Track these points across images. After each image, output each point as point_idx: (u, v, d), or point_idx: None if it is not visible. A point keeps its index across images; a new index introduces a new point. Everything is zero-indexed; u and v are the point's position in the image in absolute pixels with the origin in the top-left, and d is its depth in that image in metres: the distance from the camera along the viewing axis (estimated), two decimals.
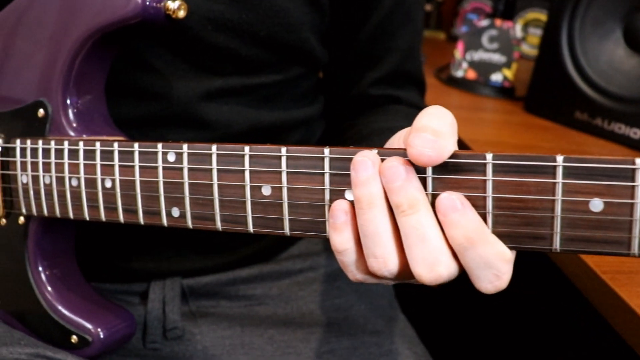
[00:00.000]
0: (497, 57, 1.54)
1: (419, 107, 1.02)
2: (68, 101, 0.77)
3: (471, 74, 1.57)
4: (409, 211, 0.50)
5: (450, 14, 2.29)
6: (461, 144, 1.16)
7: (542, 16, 1.87)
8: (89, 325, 0.80)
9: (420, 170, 0.53)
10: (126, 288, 0.93)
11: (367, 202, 0.52)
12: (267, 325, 0.92)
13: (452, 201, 0.50)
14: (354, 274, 0.56)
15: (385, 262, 0.52)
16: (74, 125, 0.77)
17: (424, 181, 0.53)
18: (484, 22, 1.55)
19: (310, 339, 0.91)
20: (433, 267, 0.50)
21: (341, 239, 0.54)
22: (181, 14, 0.71)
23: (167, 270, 0.91)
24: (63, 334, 0.80)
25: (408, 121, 0.91)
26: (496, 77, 1.54)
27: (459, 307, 1.81)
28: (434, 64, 1.79)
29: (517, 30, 1.52)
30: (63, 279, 0.83)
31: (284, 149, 0.60)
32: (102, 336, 0.79)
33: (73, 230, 0.85)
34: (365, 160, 0.52)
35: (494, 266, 0.50)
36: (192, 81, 0.82)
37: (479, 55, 1.55)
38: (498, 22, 1.54)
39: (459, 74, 1.60)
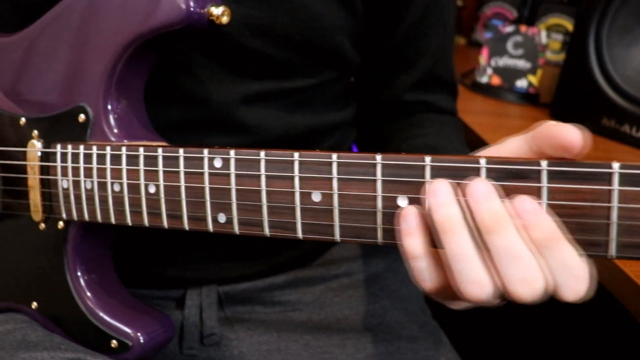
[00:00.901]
0: (522, 63, 1.53)
1: (452, 112, 1.02)
2: (109, 106, 0.77)
3: (496, 80, 1.57)
4: (497, 229, 0.50)
5: (470, 19, 2.29)
6: None
7: (564, 22, 1.87)
8: (128, 330, 0.80)
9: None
10: (161, 294, 0.93)
11: (450, 225, 0.52)
12: (302, 330, 0.92)
13: (530, 203, 0.50)
14: (428, 283, 0.55)
15: (482, 285, 0.51)
16: (115, 130, 0.77)
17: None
18: (509, 28, 1.55)
19: (346, 344, 0.91)
20: (531, 284, 0.50)
21: (414, 244, 0.54)
22: (224, 19, 0.71)
23: (203, 277, 0.92)
24: (103, 339, 0.80)
25: (454, 134, 0.91)
26: (521, 83, 1.53)
27: (488, 313, 1.80)
28: (456, 70, 1.79)
29: (543, 36, 1.52)
30: (101, 284, 0.83)
31: (334, 155, 0.60)
32: (142, 341, 0.79)
33: (111, 236, 0.85)
34: (442, 184, 0.52)
35: (573, 268, 0.49)
36: (231, 85, 0.82)
37: (503, 61, 1.55)
38: (523, 28, 1.54)
39: (484, 79, 1.60)
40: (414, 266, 0.55)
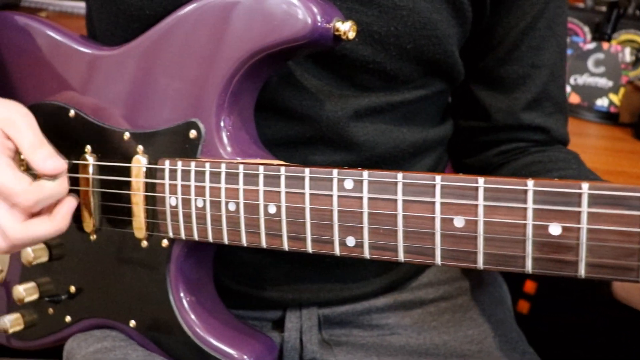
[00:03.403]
0: (604, 82, 1.49)
1: (566, 142, 0.97)
2: (222, 122, 0.75)
3: (575, 98, 1.53)
4: None
5: None
6: None
7: (637, 37, 1.83)
8: (233, 352, 0.78)
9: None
10: (257, 314, 0.91)
11: None
12: (402, 355, 0.89)
13: None
14: None
15: None
16: (228, 147, 0.75)
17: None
18: (590, 45, 1.52)
19: None
20: None
21: None
22: (351, 35, 0.69)
23: (304, 299, 0.89)
24: None
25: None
26: (602, 102, 1.50)
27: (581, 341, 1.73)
28: None
29: (626, 54, 1.48)
30: (204, 304, 0.81)
31: (481, 180, 0.57)
32: None
33: (212, 256, 0.83)
34: None
35: None
36: (339, 100, 0.80)
37: (583, 80, 1.51)
38: (605, 45, 1.50)
39: None
40: None
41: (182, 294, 0.80)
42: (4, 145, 0.76)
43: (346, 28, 0.68)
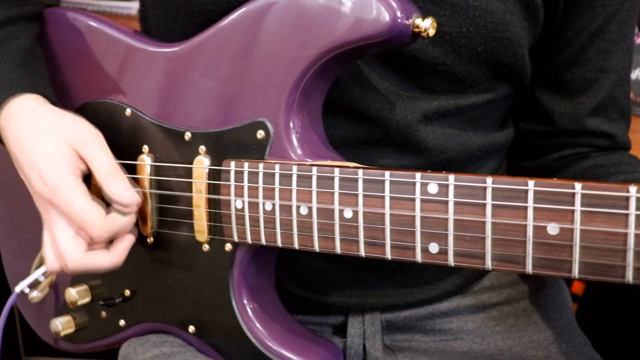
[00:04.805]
0: None
1: (628, 147, 0.94)
2: (291, 122, 0.72)
3: None
4: None
5: None
6: None
7: None
8: (298, 359, 0.76)
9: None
10: (318, 320, 0.89)
11: None
12: None
13: None
14: None
15: None
16: (297, 148, 0.72)
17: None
18: None
19: None
20: None
21: None
22: (431, 32, 0.66)
23: (367, 304, 0.87)
24: None
25: None
26: None
27: None
28: None
29: None
30: (267, 310, 0.79)
31: (578, 186, 0.54)
32: None
33: (274, 260, 0.80)
34: None
35: None
36: (409, 103, 0.77)
37: (635, 74, 1.47)
38: None
39: None
40: None
41: (245, 300, 0.77)
42: (77, 166, 0.75)
43: (427, 25, 0.65)
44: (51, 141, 0.75)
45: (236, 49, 0.74)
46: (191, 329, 0.82)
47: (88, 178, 0.78)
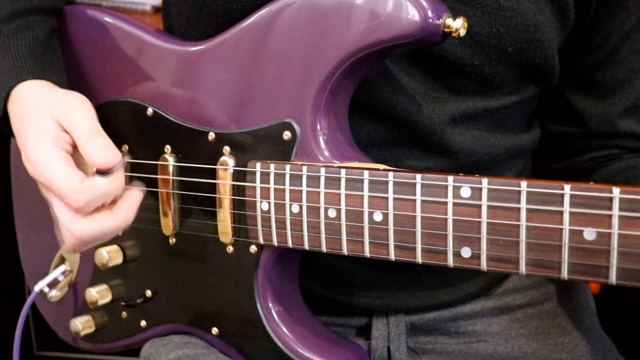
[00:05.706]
0: None
1: None
2: (318, 123, 0.71)
3: None
4: None
5: None
6: None
7: None
8: None
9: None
10: (343, 321, 0.88)
11: None
12: None
13: None
14: None
15: None
16: (324, 149, 0.71)
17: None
18: None
19: None
20: None
21: None
22: (462, 32, 0.65)
23: (392, 306, 0.86)
24: None
25: None
26: None
27: None
28: None
29: None
30: (292, 312, 0.78)
31: (616, 190, 0.53)
32: None
33: (298, 262, 0.80)
34: None
35: None
36: (436, 104, 0.76)
37: None
38: None
39: None
40: None
41: (270, 302, 0.77)
42: (59, 137, 0.72)
43: (458, 25, 0.64)
44: (37, 118, 0.72)
45: (262, 48, 0.73)
46: (214, 330, 0.81)
47: None
